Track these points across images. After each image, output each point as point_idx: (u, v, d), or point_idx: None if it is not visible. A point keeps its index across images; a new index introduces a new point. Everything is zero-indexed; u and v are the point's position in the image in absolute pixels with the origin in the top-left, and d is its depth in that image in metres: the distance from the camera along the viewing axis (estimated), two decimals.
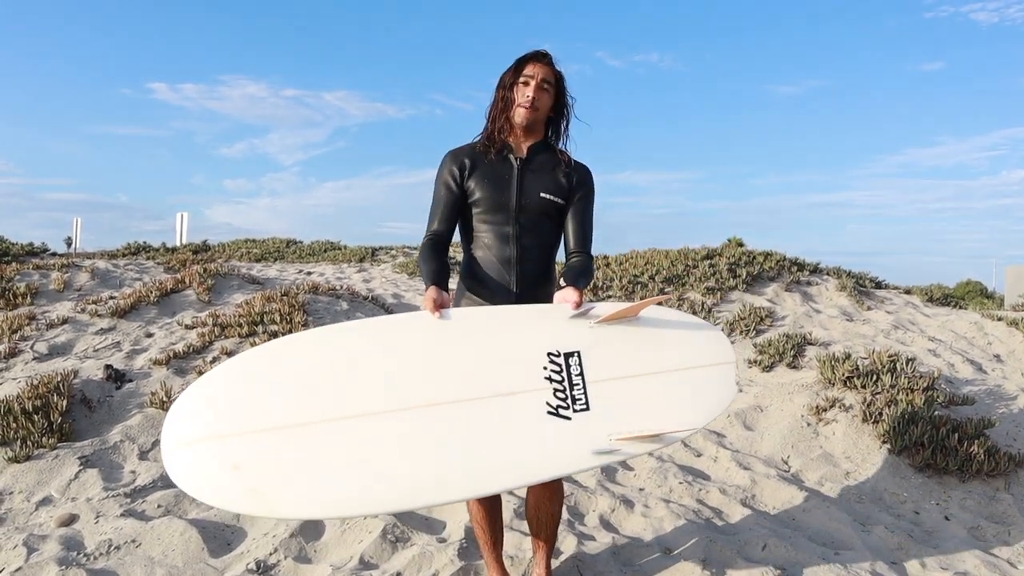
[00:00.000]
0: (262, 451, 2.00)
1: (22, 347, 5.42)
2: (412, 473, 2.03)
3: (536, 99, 2.42)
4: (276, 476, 1.98)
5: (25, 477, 3.73)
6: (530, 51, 2.47)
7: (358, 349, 2.24)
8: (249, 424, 2.03)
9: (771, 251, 9.32)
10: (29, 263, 8.36)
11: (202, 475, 1.99)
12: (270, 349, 2.23)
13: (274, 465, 1.99)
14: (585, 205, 2.53)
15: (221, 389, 2.12)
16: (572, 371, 2.24)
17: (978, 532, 3.37)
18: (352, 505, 2.03)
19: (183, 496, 3.58)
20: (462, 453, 2.08)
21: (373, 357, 2.21)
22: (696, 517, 3.34)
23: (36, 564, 2.90)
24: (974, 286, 19.43)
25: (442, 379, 2.18)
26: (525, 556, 2.95)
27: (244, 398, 2.10)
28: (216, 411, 2.07)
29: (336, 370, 2.16)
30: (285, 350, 2.24)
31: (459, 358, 2.23)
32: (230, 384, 2.14)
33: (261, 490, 1.95)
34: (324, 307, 6.44)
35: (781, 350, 5.76)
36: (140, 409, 4.50)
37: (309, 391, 2.11)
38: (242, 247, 14.74)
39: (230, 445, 1.99)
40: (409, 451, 2.05)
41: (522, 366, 2.23)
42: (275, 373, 2.15)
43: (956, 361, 5.93)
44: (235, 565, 2.98)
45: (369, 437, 2.06)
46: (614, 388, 2.26)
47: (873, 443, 4.12)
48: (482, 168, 2.46)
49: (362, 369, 2.17)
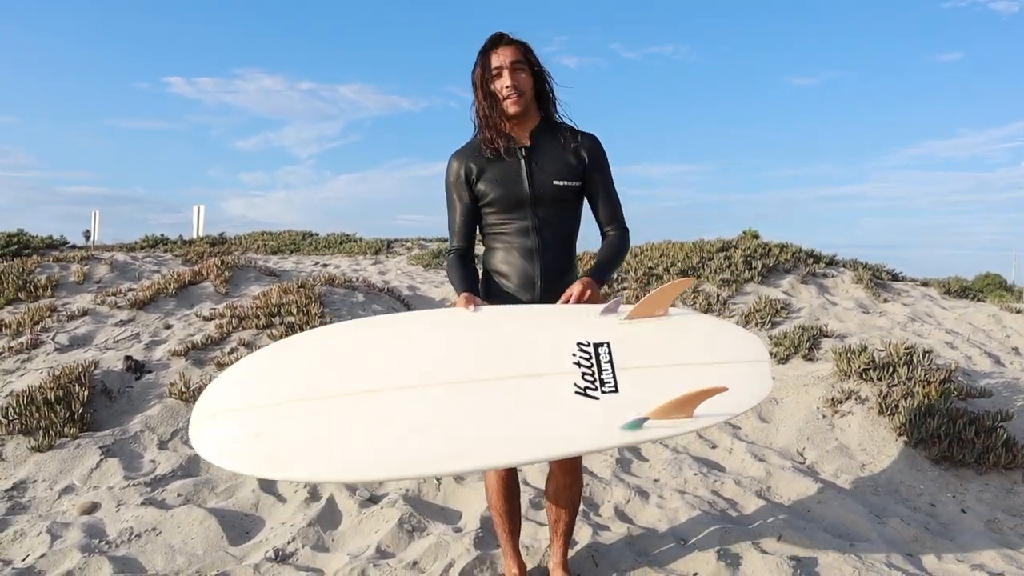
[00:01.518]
0: (285, 420, 2.03)
1: (44, 338, 5.49)
2: (434, 443, 2.03)
3: (516, 84, 2.37)
4: (295, 441, 2.00)
5: (48, 466, 3.79)
6: (487, 41, 2.41)
7: (388, 337, 2.30)
8: (274, 397, 2.07)
9: (787, 243, 9.26)
10: (49, 256, 8.46)
11: (223, 442, 2.03)
12: (294, 341, 2.29)
13: (294, 432, 2.01)
14: (603, 177, 2.51)
15: (251, 369, 2.19)
16: (601, 359, 2.23)
17: (995, 525, 3.36)
18: (369, 469, 2.03)
19: (202, 485, 3.63)
20: (488, 425, 2.07)
21: (402, 343, 2.26)
22: (711, 508, 3.35)
23: (59, 551, 2.96)
24: (992, 279, 19.22)
25: (471, 361, 2.20)
26: (541, 546, 2.97)
27: (271, 376, 2.16)
28: (243, 387, 2.13)
29: (366, 353, 2.22)
30: (309, 340, 2.32)
31: (489, 345, 2.25)
32: (260, 366, 2.21)
33: (277, 455, 1.97)
34: (340, 299, 6.48)
35: (797, 342, 5.74)
36: (159, 399, 4.56)
37: (337, 370, 2.15)
38: (258, 240, 14.81)
39: (254, 415, 2.04)
40: (433, 422, 2.06)
41: (551, 353, 2.23)
42: (302, 358, 2.21)
43: (974, 354, 5.88)
44: (254, 553, 3.02)
45: (394, 408, 2.07)
46: (645, 375, 2.24)
47: (889, 435, 4.10)
48: (490, 168, 2.43)
49: (392, 353, 2.22)
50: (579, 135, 2.51)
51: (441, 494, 3.56)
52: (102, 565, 2.85)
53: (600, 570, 2.81)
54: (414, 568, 2.81)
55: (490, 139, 2.43)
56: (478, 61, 2.42)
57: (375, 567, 2.80)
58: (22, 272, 7.09)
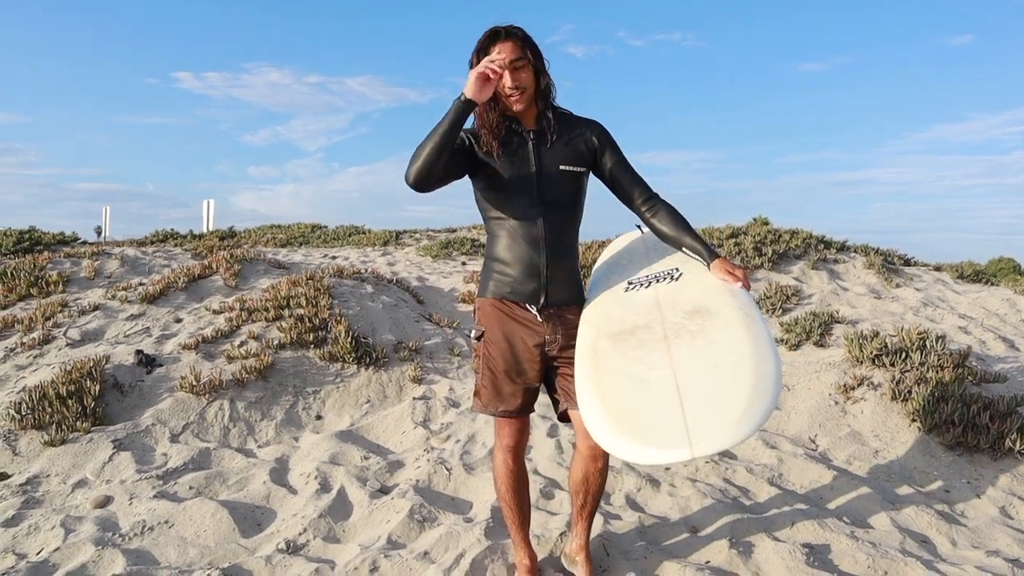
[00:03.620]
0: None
1: (55, 333, 5.52)
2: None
3: (517, 84, 2.31)
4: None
5: (61, 460, 3.81)
6: (482, 37, 2.33)
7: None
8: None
9: (797, 229, 9.20)
10: (61, 252, 8.50)
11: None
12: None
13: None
14: (619, 156, 2.47)
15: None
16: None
17: (1010, 510, 3.33)
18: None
19: (214, 477, 3.64)
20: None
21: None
22: (723, 496, 3.33)
23: (73, 544, 2.98)
24: (1006, 263, 19.06)
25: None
26: (551, 535, 2.96)
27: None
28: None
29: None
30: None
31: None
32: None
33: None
34: (349, 290, 6.48)
35: (808, 328, 5.70)
36: (171, 393, 4.57)
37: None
38: (267, 233, 14.86)
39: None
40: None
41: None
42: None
43: (987, 338, 5.83)
44: (265, 545, 3.03)
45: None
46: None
47: (902, 421, 4.07)
48: (498, 148, 2.37)
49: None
50: (583, 122, 2.47)
51: (451, 484, 3.56)
52: (115, 558, 2.87)
53: (612, 559, 2.81)
54: (425, 558, 2.81)
55: (487, 139, 2.37)
56: (474, 60, 2.34)
57: (386, 558, 2.80)
58: (34, 268, 7.13)
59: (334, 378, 5.01)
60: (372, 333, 5.71)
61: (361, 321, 5.84)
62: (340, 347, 5.16)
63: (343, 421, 4.62)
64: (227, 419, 4.43)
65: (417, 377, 5.15)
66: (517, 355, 2.43)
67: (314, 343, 5.27)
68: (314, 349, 5.21)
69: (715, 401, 1.90)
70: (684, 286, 2.39)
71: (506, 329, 2.44)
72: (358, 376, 5.06)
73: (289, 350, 5.18)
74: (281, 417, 4.57)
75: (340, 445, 4.09)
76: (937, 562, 2.76)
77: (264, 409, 4.60)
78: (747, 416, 1.82)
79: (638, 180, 2.48)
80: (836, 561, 2.76)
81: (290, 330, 5.32)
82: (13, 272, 6.96)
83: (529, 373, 2.43)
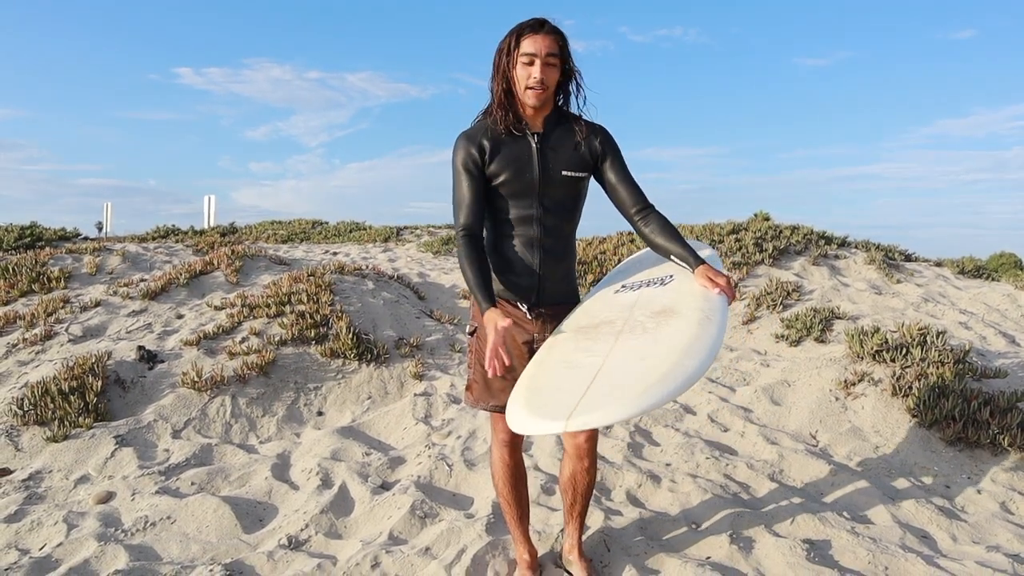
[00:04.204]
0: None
1: (57, 329, 5.53)
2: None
3: (544, 79, 2.32)
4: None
5: (63, 456, 3.82)
6: (527, 21, 2.33)
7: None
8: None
9: (798, 225, 9.20)
10: (62, 247, 8.50)
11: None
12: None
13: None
14: (620, 163, 2.48)
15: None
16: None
17: (1010, 506, 3.33)
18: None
19: (216, 473, 3.65)
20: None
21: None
22: (723, 492, 3.34)
23: (76, 540, 2.99)
24: (1008, 258, 19.01)
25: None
26: (552, 531, 2.97)
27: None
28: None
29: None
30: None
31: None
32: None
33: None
34: (350, 287, 6.48)
35: (809, 324, 5.70)
36: (172, 389, 4.58)
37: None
38: (268, 229, 14.86)
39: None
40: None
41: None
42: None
43: (988, 334, 5.83)
44: (267, 540, 3.04)
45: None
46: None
47: (903, 417, 4.08)
48: (503, 150, 2.38)
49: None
50: (590, 127, 2.47)
51: (453, 480, 3.57)
52: (118, 554, 2.88)
53: (612, 554, 2.81)
54: (427, 554, 2.82)
55: (502, 118, 2.38)
56: (511, 39, 2.33)
57: (388, 553, 2.81)
58: (35, 264, 7.14)
59: (335, 374, 5.02)
60: (373, 329, 5.71)
61: (362, 317, 5.85)
62: (341, 343, 5.16)
63: (344, 417, 4.63)
64: (229, 415, 4.44)
65: (418, 373, 5.16)
66: (508, 351, 2.43)
67: (315, 339, 5.28)
68: (315, 345, 5.22)
69: (618, 386, 1.95)
70: (667, 290, 2.43)
71: None
72: (359, 372, 5.07)
73: (290, 346, 5.19)
74: (283, 413, 4.58)
75: (341, 441, 4.10)
76: (937, 557, 2.77)
77: (266, 405, 4.61)
78: (634, 401, 1.87)
79: (635, 189, 2.49)
80: (836, 556, 2.76)
81: (291, 326, 5.33)
82: (15, 268, 6.97)
83: (518, 369, 2.43)
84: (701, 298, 2.30)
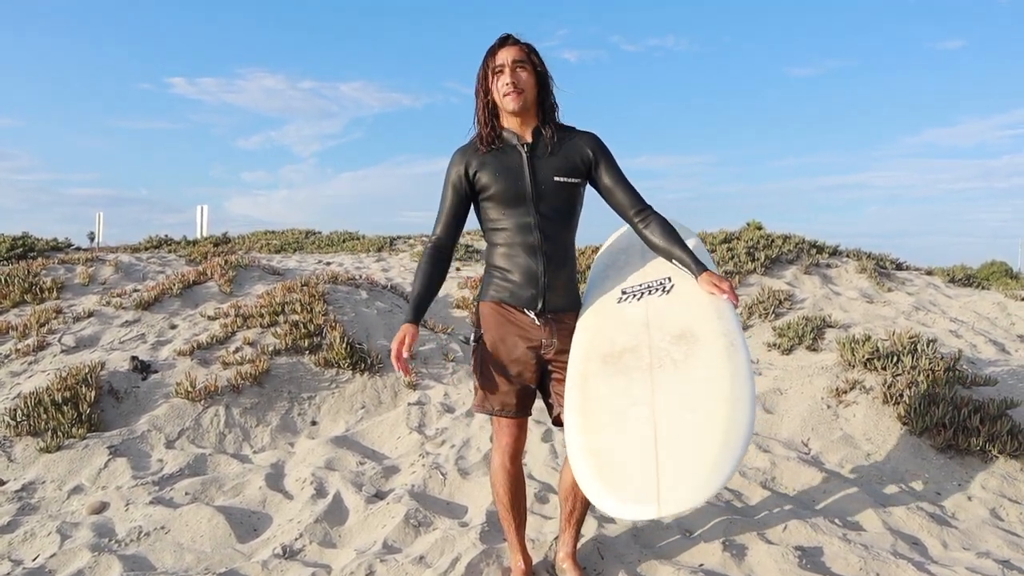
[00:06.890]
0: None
1: (50, 340, 5.52)
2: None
3: (516, 81, 2.41)
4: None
5: (56, 467, 3.82)
6: (496, 40, 2.48)
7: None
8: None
9: (790, 234, 9.26)
10: (55, 258, 8.50)
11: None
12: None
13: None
14: (613, 167, 2.53)
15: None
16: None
17: (1000, 512, 3.36)
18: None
19: (210, 483, 3.65)
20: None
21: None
22: (716, 499, 3.36)
23: (69, 550, 2.98)
24: (998, 267, 19.14)
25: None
26: (546, 540, 2.98)
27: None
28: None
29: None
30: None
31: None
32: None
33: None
34: (344, 296, 6.49)
35: (801, 333, 5.74)
36: (166, 399, 4.58)
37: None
38: (262, 239, 14.83)
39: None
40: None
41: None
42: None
43: (978, 342, 5.88)
44: (262, 550, 3.04)
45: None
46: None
47: (894, 424, 4.11)
48: (492, 162, 2.47)
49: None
50: (579, 134, 2.55)
51: (447, 489, 3.58)
52: (112, 564, 2.87)
53: (606, 562, 2.83)
54: (421, 563, 2.83)
55: (486, 136, 2.48)
56: (483, 61, 2.48)
57: (382, 562, 2.81)
58: (28, 275, 7.12)
59: (329, 384, 5.03)
60: (367, 339, 5.72)
61: (356, 327, 5.86)
62: (335, 353, 5.17)
63: (338, 426, 4.63)
64: (223, 425, 4.44)
65: (412, 383, 5.17)
66: (513, 356, 2.49)
67: (309, 349, 5.28)
68: (309, 355, 5.23)
69: (686, 458, 1.99)
70: (674, 301, 2.46)
71: (503, 331, 2.50)
72: (353, 382, 5.08)
73: (284, 356, 5.20)
74: (276, 423, 4.58)
75: (335, 450, 4.10)
76: (928, 563, 2.79)
77: (259, 415, 4.61)
78: (715, 474, 1.93)
79: (632, 192, 2.54)
80: (828, 563, 2.78)
81: (285, 336, 5.33)
82: (7, 278, 6.95)
83: (525, 374, 2.49)
84: (714, 314, 2.34)
